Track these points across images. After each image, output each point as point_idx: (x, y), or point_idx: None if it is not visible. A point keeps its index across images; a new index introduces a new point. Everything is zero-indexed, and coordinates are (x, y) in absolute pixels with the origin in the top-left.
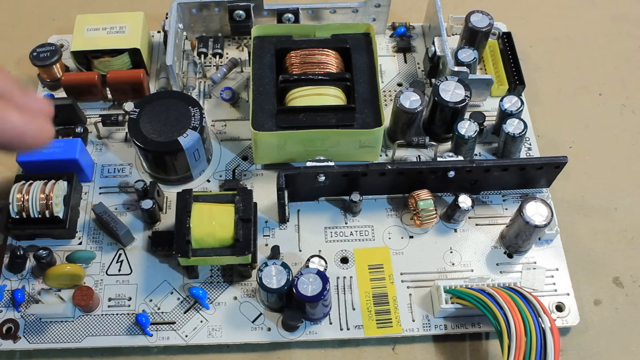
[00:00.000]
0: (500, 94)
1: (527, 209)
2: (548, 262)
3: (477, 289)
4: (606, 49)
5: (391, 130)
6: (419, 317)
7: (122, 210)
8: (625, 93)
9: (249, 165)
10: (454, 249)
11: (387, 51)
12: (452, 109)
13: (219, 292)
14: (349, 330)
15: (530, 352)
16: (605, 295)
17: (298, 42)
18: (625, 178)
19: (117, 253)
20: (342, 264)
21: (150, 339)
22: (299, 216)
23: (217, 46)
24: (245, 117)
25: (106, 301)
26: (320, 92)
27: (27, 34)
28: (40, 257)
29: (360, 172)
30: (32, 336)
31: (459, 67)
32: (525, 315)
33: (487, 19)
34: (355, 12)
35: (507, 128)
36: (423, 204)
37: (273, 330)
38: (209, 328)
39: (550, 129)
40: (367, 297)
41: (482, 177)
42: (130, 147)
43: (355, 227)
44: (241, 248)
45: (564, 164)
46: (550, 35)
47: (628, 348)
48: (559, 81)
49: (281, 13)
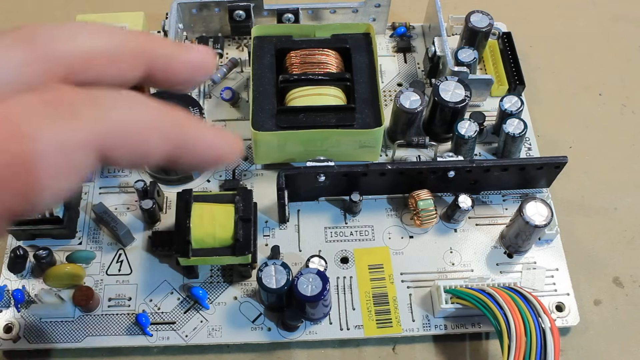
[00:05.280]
0: (500, 94)
1: (527, 209)
2: (548, 262)
3: (477, 289)
4: (606, 49)
5: (391, 130)
6: (419, 317)
7: (122, 210)
8: (625, 93)
9: (249, 165)
10: (454, 249)
11: (387, 51)
12: (452, 109)
13: (219, 292)
14: (349, 330)
15: (530, 352)
16: (605, 295)
17: (298, 42)
18: (625, 178)
19: (117, 253)
20: (342, 264)
21: (150, 339)
22: (299, 216)
23: (217, 46)
24: (245, 117)
25: (106, 301)
26: (320, 92)
27: None
28: (40, 257)
29: (360, 172)
30: (32, 336)
31: (459, 67)
32: (525, 315)
33: (487, 19)
34: (355, 12)
35: (507, 128)
36: (423, 204)
37: (273, 330)
38: (209, 328)
39: (550, 129)
40: (367, 297)
41: (482, 177)
42: None
43: (355, 227)
44: (241, 248)
45: (564, 164)
46: (550, 35)
47: (628, 348)
48: (559, 81)
49: (281, 13)
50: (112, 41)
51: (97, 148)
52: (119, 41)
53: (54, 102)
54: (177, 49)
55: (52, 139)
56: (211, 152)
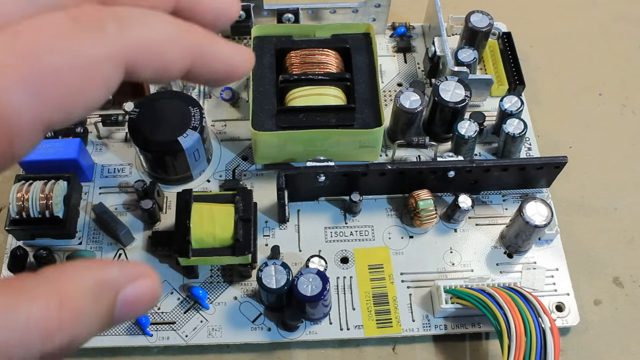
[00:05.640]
0: (500, 94)
1: (527, 209)
2: (548, 262)
3: (477, 289)
4: (606, 49)
5: (391, 130)
6: (419, 317)
7: (122, 210)
8: (625, 93)
9: (249, 165)
10: (454, 249)
11: (387, 51)
12: (452, 109)
13: (219, 292)
14: (349, 330)
15: (530, 352)
16: (605, 295)
17: (298, 42)
18: (625, 178)
19: (117, 253)
20: (342, 264)
21: (150, 339)
22: (299, 216)
23: None
24: (245, 117)
25: None
26: (320, 92)
27: None
28: (40, 257)
29: (360, 172)
30: None
31: (459, 67)
32: (525, 315)
33: (487, 19)
34: (355, 12)
35: (507, 128)
36: (423, 204)
37: (273, 330)
38: (209, 328)
39: (550, 129)
40: (367, 297)
41: (482, 177)
42: (130, 147)
43: (355, 227)
44: (241, 248)
45: (564, 164)
46: (550, 35)
47: (628, 348)
48: (559, 81)
49: (281, 13)
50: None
51: (123, 61)
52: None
53: (82, 19)
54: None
55: (83, 52)
56: (227, 63)
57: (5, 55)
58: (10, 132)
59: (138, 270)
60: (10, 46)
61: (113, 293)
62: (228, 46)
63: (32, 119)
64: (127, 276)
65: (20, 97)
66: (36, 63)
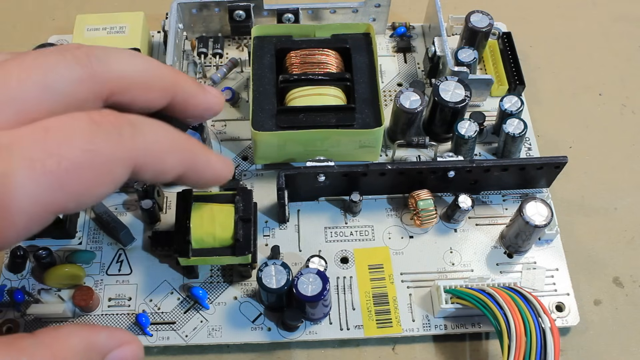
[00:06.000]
0: (500, 94)
1: (527, 209)
2: (548, 262)
3: (477, 289)
4: (606, 49)
5: (391, 130)
6: (419, 317)
7: (122, 210)
8: (625, 93)
9: (249, 165)
10: (454, 249)
11: (387, 51)
12: (452, 109)
13: (219, 292)
14: (349, 330)
15: (530, 352)
16: (605, 295)
17: (298, 42)
18: (625, 178)
19: (117, 253)
20: (342, 264)
21: (150, 339)
22: (299, 216)
23: (217, 46)
24: (245, 117)
25: (106, 301)
26: (320, 92)
27: (27, 34)
28: (40, 257)
29: (360, 172)
30: None
31: (459, 67)
32: (525, 315)
33: (487, 19)
34: (355, 12)
35: (507, 128)
36: (423, 204)
37: (273, 330)
38: (209, 328)
39: (550, 129)
40: (367, 297)
41: (482, 177)
42: None
43: (355, 227)
44: (241, 248)
45: (564, 164)
46: (550, 35)
47: (628, 348)
48: (559, 81)
49: (281, 13)
50: (149, 72)
51: (132, 163)
52: (154, 72)
53: (103, 122)
54: (198, 89)
55: (102, 152)
56: (214, 172)
57: (37, 151)
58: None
59: (124, 337)
60: (42, 140)
61: (100, 357)
62: (216, 159)
63: (43, 206)
64: (113, 341)
65: (36, 188)
66: (63, 160)
